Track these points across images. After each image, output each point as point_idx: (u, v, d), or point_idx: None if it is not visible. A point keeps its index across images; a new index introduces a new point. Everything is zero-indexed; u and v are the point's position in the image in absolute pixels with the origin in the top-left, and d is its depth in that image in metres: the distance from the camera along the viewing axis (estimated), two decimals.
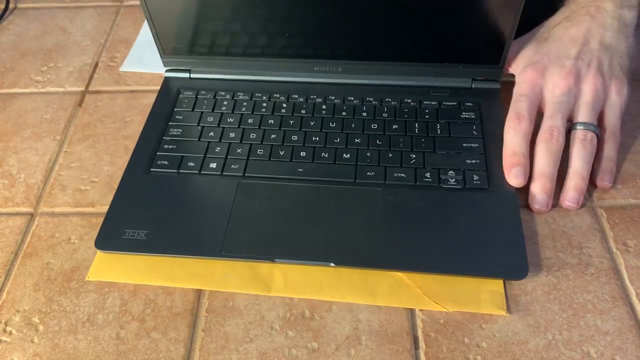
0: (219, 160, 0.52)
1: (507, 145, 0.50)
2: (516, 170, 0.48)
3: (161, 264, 0.46)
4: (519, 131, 0.49)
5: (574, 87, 0.50)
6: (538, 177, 0.48)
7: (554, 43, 0.53)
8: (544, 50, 0.53)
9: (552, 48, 0.52)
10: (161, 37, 0.57)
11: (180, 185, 0.50)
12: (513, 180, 0.48)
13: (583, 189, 0.48)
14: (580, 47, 0.51)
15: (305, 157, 0.52)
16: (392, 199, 0.48)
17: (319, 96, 0.57)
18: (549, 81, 0.51)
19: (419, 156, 0.51)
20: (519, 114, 0.50)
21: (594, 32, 0.52)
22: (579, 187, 0.48)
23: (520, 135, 0.49)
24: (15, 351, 0.42)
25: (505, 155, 0.50)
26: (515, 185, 0.48)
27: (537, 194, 0.48)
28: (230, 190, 0.49)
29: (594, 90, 0.49)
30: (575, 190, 0.48)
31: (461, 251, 0.44)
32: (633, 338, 0.42)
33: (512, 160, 0.48)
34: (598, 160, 0.50)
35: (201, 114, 0.56)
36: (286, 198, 0.48)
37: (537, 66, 0.52)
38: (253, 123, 0.55)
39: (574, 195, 0.48)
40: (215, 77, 0.60)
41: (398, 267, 0.45)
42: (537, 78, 0.51)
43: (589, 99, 0.49)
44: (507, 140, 0.50)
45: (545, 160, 0.48)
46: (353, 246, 0.45)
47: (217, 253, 0.45)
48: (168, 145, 0.53)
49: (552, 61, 0.51)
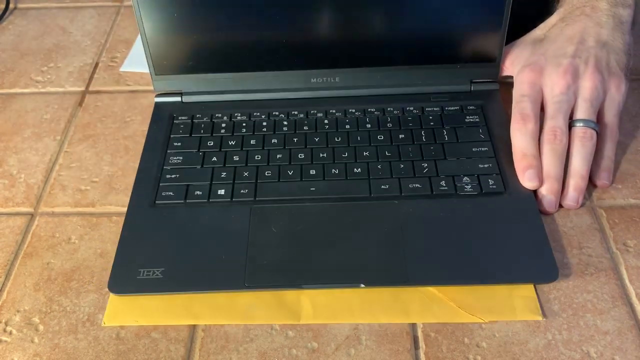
0: (226, 186, 0.50)
1: (516, 147, 0.49)
2: (529, 174, 0.48)
3: (179, 300, 0.44)
4: (526, 132, 0.49)
5: (572, 85, 0.50)
6: (545, 179, 0.48)
7: (551, 43, 0.53)
8: (540, 50, 0.53)
9: (549, 48, 0.52)
10: (154, 55, 0.55)
11: (190, 216, 0.48)
12: (528, 183, 0.48)
13: (583, 188, 0.49)
14: (577, 46, 0.51)
15: (315, 175, 0.50)
16: (412, 211, 0.47)
17: (319, 110, 0.56)
18: (548, 80, 0.51)
19: (430, 164, 0.51)
20: (523, 115, 0.50)
21: (590, 31, 0.52)
22: (579, 187, 0.48)
23: (528, 136, 0.49)
24: (15, 351, 0.42)
25: (515, 158, 0.49)
26: (530, 188, 0.48)
27: (545, 196, 0.48)
28: (244, 217, 0.48)
29: (593, 87, 0.49)
30: (575, 189, 0.48)
31: (489, 259, 0.44)
32: (633, 338, 0.42)
33: (524, 163, 0.48)
34: (597, 158, 0.50)
35: (200, 139, 0.54)
36: (302, 219, 0.47)
37: (534, 66, 0.52)
38: (256, 144, 0.53)
39: (574, 194, 0.48)
40: (209, 99, 0.57)
41: (429, 282, 0.44)
42: (535, 78, 0.51)
43: (588, 96, 0.49)
44: (516, 142, 0.50)
45: (550, 161, 0.48)
46: (380, 264, 0.44)
47: (241, 285, 0.43)
48: (170, 174, 0.51)
49: (549, 60, 0.51)
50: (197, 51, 0.55)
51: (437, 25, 0.54)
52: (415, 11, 0.53)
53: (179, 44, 0.55)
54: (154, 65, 0.56)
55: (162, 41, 0.54)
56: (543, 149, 0.49)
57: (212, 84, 0.57)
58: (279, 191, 0.50)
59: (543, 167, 0.48)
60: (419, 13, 0.53)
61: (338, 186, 0.50)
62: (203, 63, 0.56)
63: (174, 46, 0.55)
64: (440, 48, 0.55)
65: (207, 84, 0.57)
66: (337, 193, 0.49)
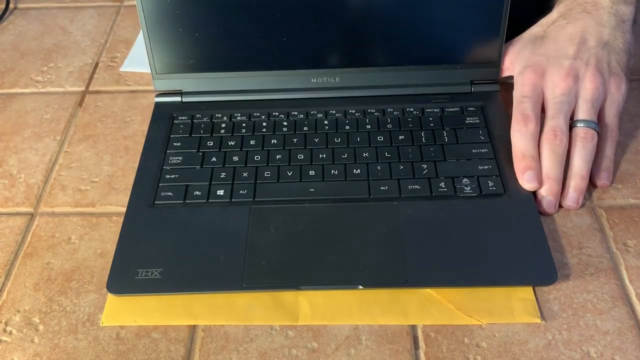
0: (225, 186, 0.50)
1: (516, 148, 0.49)
2: (528, 175, 0.48)
3: (178, 300, 0.44)
4: (526, 133, 0.49)
5: (573, 87, 0.50)
6: (545, 180, 0.48)
7: (551, 42, 0.53)
8: (541, 50, 0.53)
9: (550, 48, 0.52)
10: (156, 53, 0.55)
11: (189, 216, 0.48)
12: (527, 184, 0.48)
13: (583, 189, 0.49)
14: (578, 46, 0.51)
15: (314, 175, 0.50)
16: (411, 213, 0.47)
17: (319, 111, 0.56)
18: (549, 82, 0.51)
19: (430, 166, 0.50)
20: (525, 115, 0.49)
21: (591, 30, 0.51)
22: (579, 187, 0.48)
23: (528, 137, 0.49)
24: (15, 351, 0.42)
25: (515, 159, 0.49)
26: (529, 190, 0.48)
27: (545, 197, 0.48)
28: (243, 217, 0.47)
29: (594, 88, 0.49)
30: (575, 190, 0.48)
31: (488, 261, 0.44)
32: (633, 338, 0.42)
33: (523, 164, 0.48)
34: (596, 158, 0.50)
35: (200, 139, 0.54)
36: (301, 220, 0.47)
37: (536, 68, 0.52)
38: (255, 144, 0.53)
39: (574, 195, 0.48)
40: (209, 99, 0.57)
41: (428, 284, 0.44)
42: (537, 79, 0.51)
43: (589, 97, 0.49)
44: (515, 143, 0.49)
45: (550, 162, 0.48)
46: (379, 266, 0.44)
47: (239, 286, 0.43)
48: (169, 174, 0.51)
49: (550, 62, 0.51)
50: (198, 50, 0.55)
51: (437, 26, 0.54)
52: (415, 12, 0.53)
53: (181, 42, 0.55)
54: (155, 63, 0.56)
55: (163, 39, 0.55)
56: (543, 150, 0.49)
57: (213, 84, 0.57)
58: (278, 192, 0.49)
59: (543, 168, 0.48)
60: (419, 14, 0.53)
61: (337, 187, 0.50)
62: (204, 62, 0.56)
63: (176, 44, 0.55)
64: (440, 49, 0.55)
65: (207, 83, 0.57)
66: (337, 194, 0.49)
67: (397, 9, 0.53)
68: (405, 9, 0.53)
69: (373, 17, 0.53)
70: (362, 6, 0.53)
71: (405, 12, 0.53)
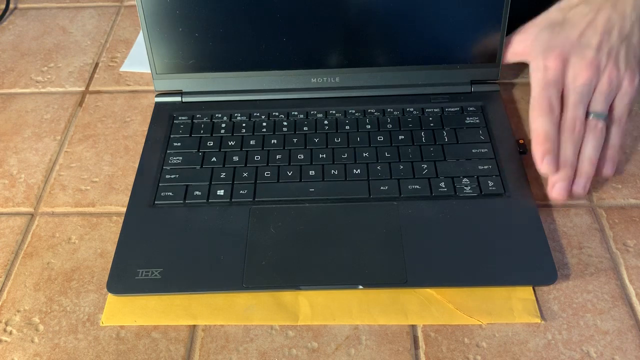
0: (225, 186, 0.50)
1: (539, 131, 0.49)
2: (548, 159, 0.48)
3: (178, 300, 0.44)
4: (552, 119, 0.49)
5: (594, 79, 0.50)
6: (562, 165, 0.48)
7: (573, 29, 0.52)
8: (562, 35, 0.52)
9: (572, 34, 0.52)
10: (156, 53, 0.55)
11: (189, 216, 0.48)
12: (545, 167, 0.48)
13: (590, 176, 0.49)
14: (601, 37, 0.51)
15: (314, 175, 0.50)
16: (411, 213, 0.47)
17: (319, 111, 0.56)
18: (571, 70, 0.50)
19: (430, 166, 0.51)
20: (550, 102, 0.49)
21: (615, 23, 0.51)
22: (587, 175, 0.49)
23: (553, 122, 0.49)
24: (15, 351, 0.42)
25: (536, 142, 0.49)
26: (545, 173, 0.48)
27: (559, 183, 0.48)
28: (243, 217, 0.48)
29: (610, 81, 0.50)
30: (583, 177, 0.49)
31: (488, 261, 0.44)
32: (633, 338, 0.42)
33: (544, 148, 0.48)
34: (603, 148, 0.50)
35: (200, 139, 0.54)
36: (301, 220, 0.47)
37: (558, 53, 0.51)
38: (255, 144, 0.53)
39: (582, 181, 0.49)
40: (208, 99, 0.57)
41: (428, 284, 0.44)
42: (559, 66, 0.51)
43: (605, 89, 0.50)
44: (539, 127, 0.49)
45: (569, 150, 0.48)
46: (379, 266, 0.44)
47: (239, 286, 0.43)
48: (170, 175, 0.51)
49: (573, 50, 0.51)
50: (198, 50, 0.55)
51: (437, 26, 0.54)
52: (415, 12, 0.53)
53: (181, 42, 0.55)
54: (155, 63, 0.56)
55: (163, 39, 0.55)
56: (563, 137, 0.49)
57: (213, 84, 0.57)
58: (278, 192, 0.49)
59: (561, 154, 0.48)
60: (419, 14, 0.53)
61: (337, 187, 0.50)
62: (203, 62, 0.56)
63: (176, 44, 0.55)
64: (440, 49, 0.55)
65: (207, 83, 0.57)
66: (336, 194, 0.49)
67: (397, 9, 0.53)
68: (405, 9, 0.53)
69: (373, 17, 0.53)
70: (362, 6, 0.53)
71: (405, 12, 0.53)
